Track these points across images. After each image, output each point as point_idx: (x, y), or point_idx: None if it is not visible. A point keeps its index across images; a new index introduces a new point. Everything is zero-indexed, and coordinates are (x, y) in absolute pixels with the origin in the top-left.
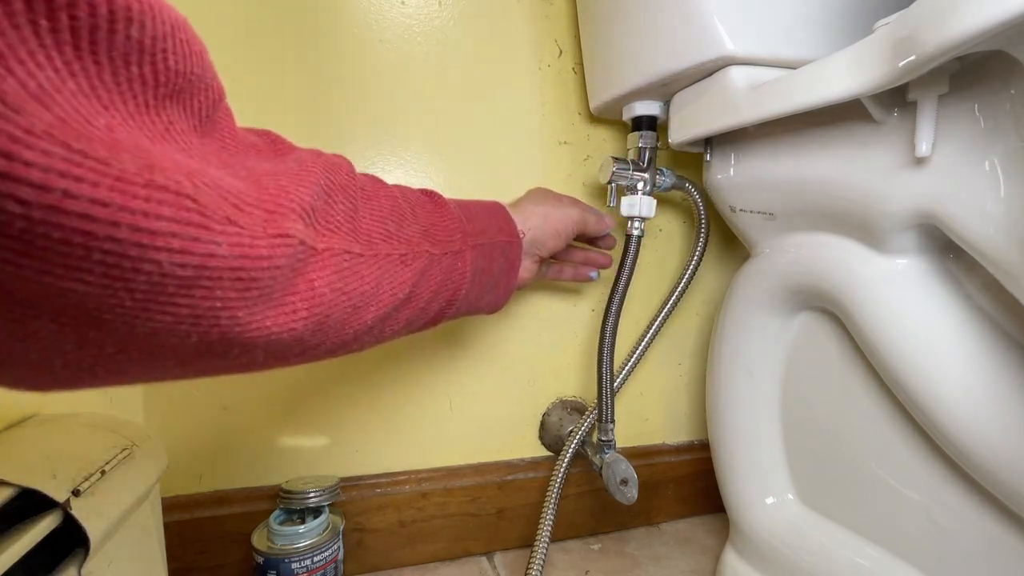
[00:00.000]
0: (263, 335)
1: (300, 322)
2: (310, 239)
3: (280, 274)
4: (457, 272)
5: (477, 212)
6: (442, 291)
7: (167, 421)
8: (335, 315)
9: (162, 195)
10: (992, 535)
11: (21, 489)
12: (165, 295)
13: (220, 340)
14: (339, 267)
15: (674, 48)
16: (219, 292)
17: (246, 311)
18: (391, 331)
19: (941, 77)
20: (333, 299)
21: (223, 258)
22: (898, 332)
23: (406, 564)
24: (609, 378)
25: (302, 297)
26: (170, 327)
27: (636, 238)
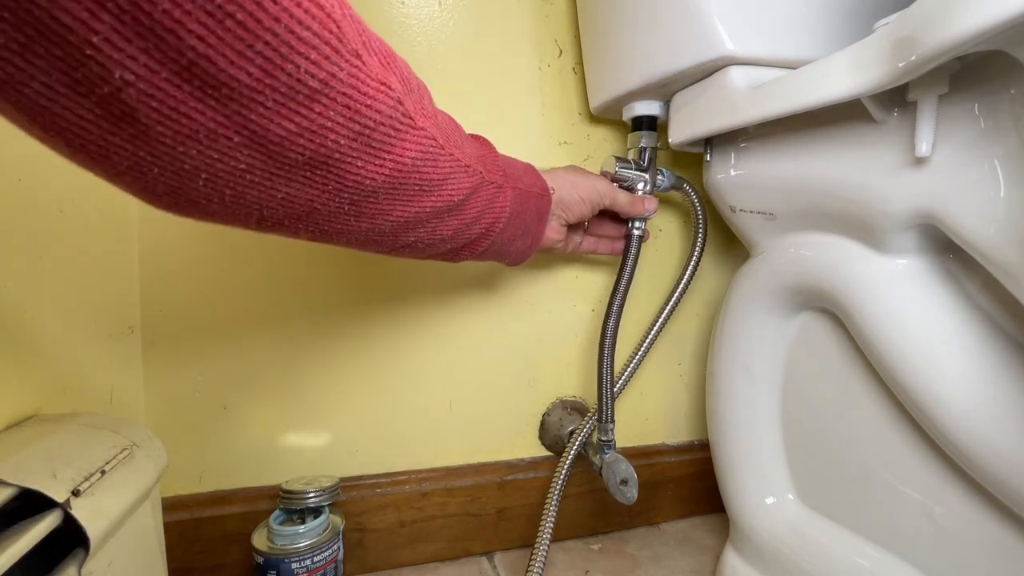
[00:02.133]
0: (351, 171)
1: (381, 178)
2: (410, 107)
3: (380, 121)
4: (499, 204)
5: (515, 163)
6: (485, 215)
7: (167, 421)
8: (407, 187)
9: (317, 11)
10: (992, 535)
11: (21, 489)
12: (295, 101)
13: (323, 162)
14: (426, 149)
15: (674, 48)
16: (332, 114)
17: (347, 140)
18: (440, 234)
19: (941, 77)
20: (410, 173)
21: (340, 82)
22: (898, 332)
23: (406, 564)
24: (609, 378)
25: (393, 158)
26: (294, 136)
27: (637, 238)
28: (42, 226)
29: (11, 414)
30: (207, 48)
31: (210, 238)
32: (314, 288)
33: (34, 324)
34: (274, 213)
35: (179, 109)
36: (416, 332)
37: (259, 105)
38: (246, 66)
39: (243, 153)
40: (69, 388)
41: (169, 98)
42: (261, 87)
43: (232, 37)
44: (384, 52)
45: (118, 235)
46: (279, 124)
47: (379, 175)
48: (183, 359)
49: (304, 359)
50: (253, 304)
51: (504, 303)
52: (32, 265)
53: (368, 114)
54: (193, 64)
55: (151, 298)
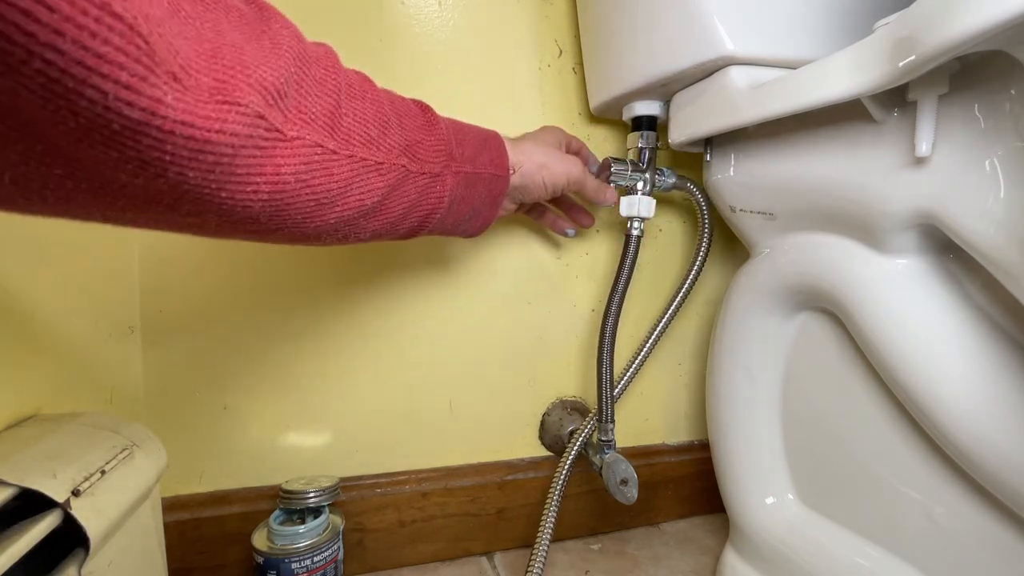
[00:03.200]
0: (215, 201)
1: (258, 203)
2: (276, 121)
3: (241, 148)
4: (434, 195)
5: (470, 138)
6: (415, 210)
7: (167, 421)
8: (297, 206)
9: (114, 22)
10: (992, 535)
11: (21, 489)
12: (109, 131)
13: (169, 192)
14: (308, 159)
15: (674, 48)
16: (170, 147)
17: (199, 174)
18: (356, 237)
19: (941, 77)
20: (297, 190)
21: (172, 110)
22: (898, 332)
23: (406, 564)
24: (609, 378)
25: (267, 179)
26: (116, 164)
27: (635, 238)
28: (42, 226)
29: (11, 414)
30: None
31: (211, 239)
32: (314, 289)
33: (34, 324)
34: (120, 217)
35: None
36: (416, 332)
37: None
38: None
39: (55, 162)
40: (69, 388)
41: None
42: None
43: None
44: (229, 61)
45: (118, 235)
46: (90, 151)
47: (254, 201)
48: (183, 359)
49: (304, 359)
50: (253, 304)
51: (504, 303)
52: (32, 265)
53: (219, 140)
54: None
55: (151, 298)
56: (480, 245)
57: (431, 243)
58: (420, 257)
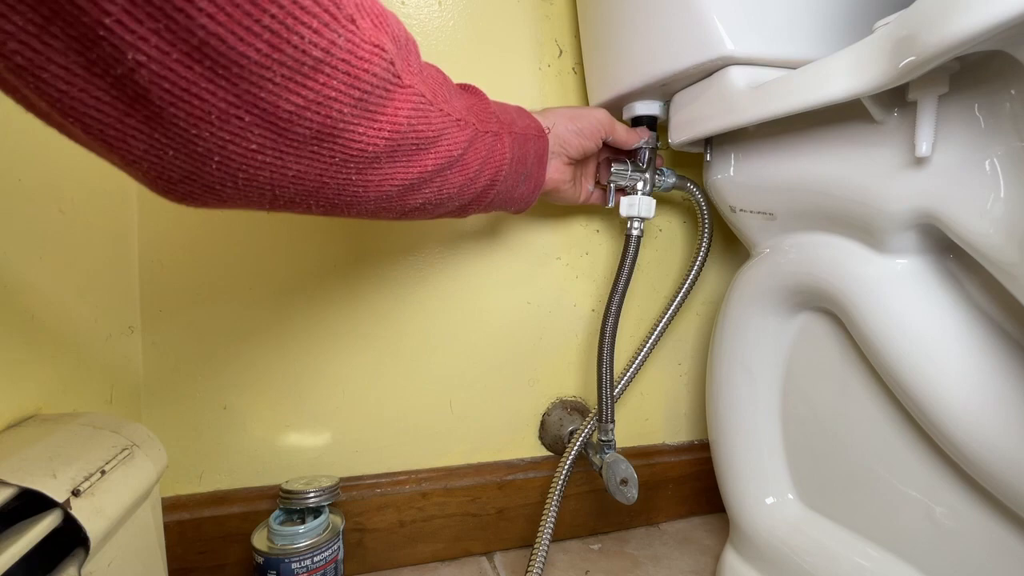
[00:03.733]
0: (354, 138)
1: (382, 141)
2: (400, 67)
3: (376, 84)
4: (497, 152)
5: (508, 108)
6: (487, 166)
7: (167, 421)
8: (406, 147)
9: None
10: (992, 535)
11: (21, 489)
12: (301, 74)
13: (328, 134)
14: (416, 106)
15: (674, 48)
16: (335, 83)
17: (349, 108)
18: (446, 192)
19: (941, 77)
20: (408, 131)
21: (340, 49)
22: (898, 332)
23: (406, 564)
24: (609, 378)
25: (388, 119)
26: (301, 111)
27: (636, 238)
28: (42, 226)
29: (11, 414)
30: (217, 26)
31: (211, 238)
32: (315, 289)
33: (34, 324)
34: (286, 192)
35: (191, 90)
36: (416, 332)
37: (268, 82)
38: (255, 42)
39: (254, 133)
40: (69, 388)
41: (180, 79)
42: (269, 63)
43: (240, 13)
44: (376, 12)
45: (118, 235)
46: (287, 99)
47: (379, 139)
48: (183, 359)
49: (304, 359)
50: (253, 305)
51: (504, 303)
52: (32, 265)
53: (366, 78)
54: (204, 44)
55: (151, 298)
56: (481, 245)
57: (431, 242)
58: (421, 258)
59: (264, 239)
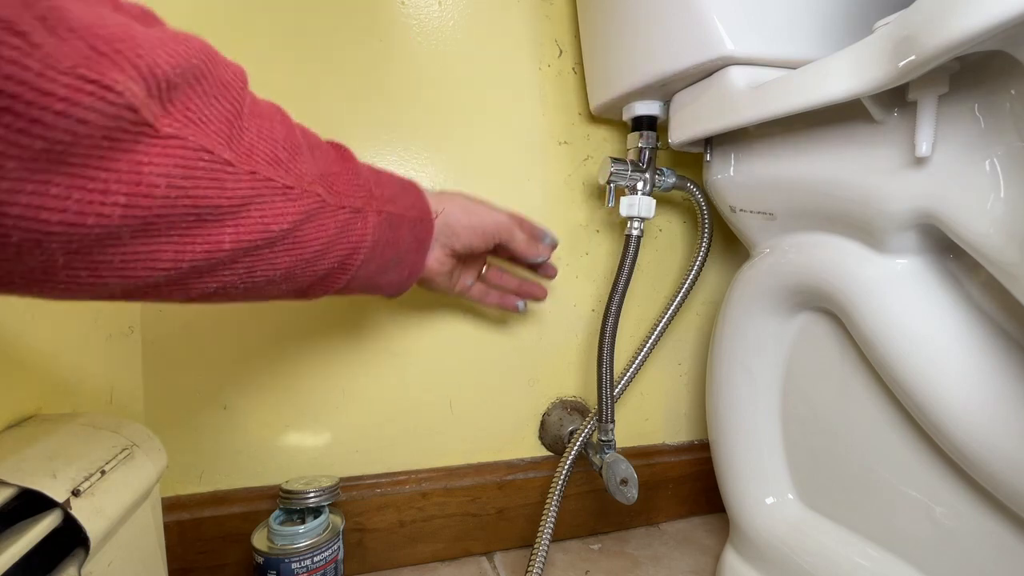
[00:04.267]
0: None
1: (116, 209)
2: (150, 114)
3: (85, 134)
4: (356, 233)
5: (388, 180)
6: (335, 247)
7: (167, 421)
8: (172, 219)
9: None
10: (992, 535)
11: (21, 489)
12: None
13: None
14: (188, 164)
15: (674, 48)
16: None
17: (17, 164)
18: (263, 273)
19: (941, 77)
20: (171, 199)
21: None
22: (898, 332)
23: (406, 564)
24: (609, 378)
25: (120, 179)
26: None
27: (635, 238)
28: None
29: (11, 414)
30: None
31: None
32: None
33: (34, 324)
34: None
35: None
36: (416, 332)
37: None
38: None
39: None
40: (69, 388)
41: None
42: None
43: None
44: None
45: None
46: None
47: (106, 206)
48: (183, 359)
49: (304, 359)
50: (253, 304)
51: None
52: None
53: (59, 124)
54: None
55: None
56: None
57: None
58: None
59: None
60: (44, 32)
